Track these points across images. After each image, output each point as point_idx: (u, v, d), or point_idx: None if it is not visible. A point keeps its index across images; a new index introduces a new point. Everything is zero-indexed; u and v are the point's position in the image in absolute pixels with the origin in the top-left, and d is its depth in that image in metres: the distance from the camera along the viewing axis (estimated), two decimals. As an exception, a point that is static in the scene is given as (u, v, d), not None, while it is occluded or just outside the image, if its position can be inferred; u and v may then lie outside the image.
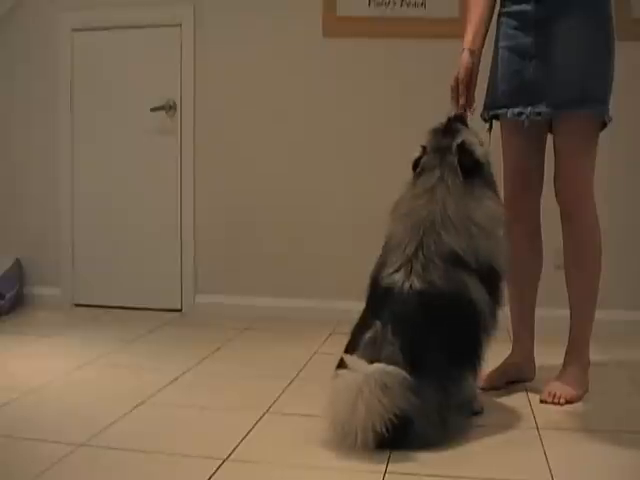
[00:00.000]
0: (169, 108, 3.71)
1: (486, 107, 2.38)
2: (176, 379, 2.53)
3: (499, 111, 2.33)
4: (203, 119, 3.69)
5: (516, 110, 2.28)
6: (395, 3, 3.48)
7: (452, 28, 3.42)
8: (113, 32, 3.77)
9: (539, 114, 2.25)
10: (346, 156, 3.57)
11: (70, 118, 3.82)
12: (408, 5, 3.47)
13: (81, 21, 3.79)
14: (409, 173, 3.64)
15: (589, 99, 2.21)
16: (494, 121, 2.39)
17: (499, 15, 2.38)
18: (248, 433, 2.00)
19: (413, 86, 3.50)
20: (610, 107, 2.27)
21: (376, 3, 3.49)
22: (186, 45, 3.69)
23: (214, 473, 1.73)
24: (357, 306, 3.54)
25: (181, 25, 3.69)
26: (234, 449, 1.88)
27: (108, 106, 3.79)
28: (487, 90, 2.39)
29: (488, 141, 2.40)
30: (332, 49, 3.56)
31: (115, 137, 3.80)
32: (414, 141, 3.60)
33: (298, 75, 3.61)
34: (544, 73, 2.23)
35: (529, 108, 2.26)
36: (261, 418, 2.13)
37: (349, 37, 3.53)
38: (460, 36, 3.35)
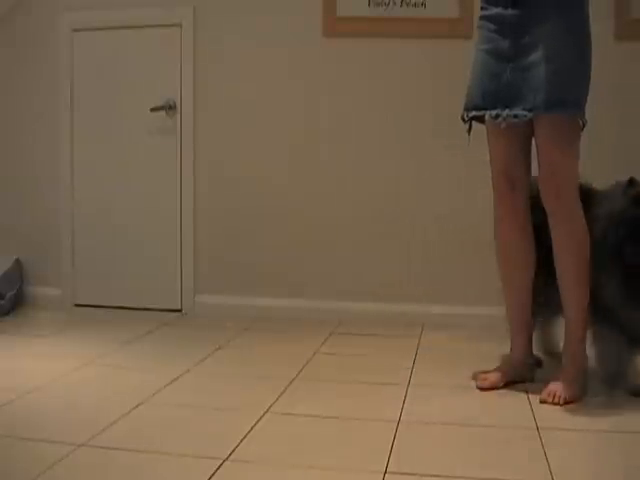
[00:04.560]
0: (169, 108, 3.71)
1: (465, 109, 2.40)
2: (176, 379, 2.53)
3: (477, 113, 2.35)
4: (203, 119, 3.69)
5: (494, 112, 2.30)
6: (395, 3, 3.48)
7: (452, 28, 3.44)
8: (113, 32, 3.77)
9: (516, 116, 2.27)
10: (346, 156, 3.57)
11: (70, 118, 3.81)
12: (408, 5, 3.47)
13: (81, 21, 3.79)
14: (408, 173, 3.67)
15: (564, 102, 2.22)
16: (474, 122, 2.40)
17: (479, 18, 2.40)
18: (248, 433, 2.00)
19: (413, 86, 3.50)
20: (585, 109, 2.28)
21: (376, 3, 3.49)
22: (186, 45, 3.69)
23: (214, 473, 1.73)
24: (357, 306, 3.57)
25: (181, 25, 3.69)
26: (234, 449, 1.88)
27: (108, 106, 3.79)
28: (467, 93, 2.40)
29: (468, 142, 2.42)
30: (332, 49, 3.56)
31: (115, 137, 3.80)
32: (413, 141, 3.63)
33: (298, 75, 3.61)
34: (520, 76, 2.25)
35: (506, 110, 2.28)
36: (261, 418, 2.13)
37: (349, 37, 3.53)
38: (460, 36, 3.39)
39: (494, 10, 2.32)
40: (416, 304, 3.46)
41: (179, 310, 3.74)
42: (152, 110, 3.69)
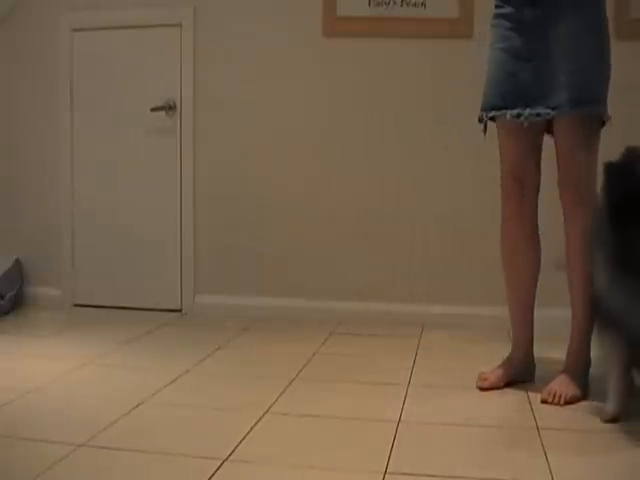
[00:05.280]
0: (169, 108, 3.71)
1: (483, 109, 2.38)
2: (176, 379, 2.53)
3: (497, 113, 2.33)
4: (203, 119, 3.69)
5: (514, 112, 2.29)
6: (395, 3, 3.48)
7: (452, 28, 3.44)
8: (113, 32, 3.77)
9: (538, 115, 2.26)
10: (345, 156, 3.57)
11: (70, 118, 3.81)
12: (408, 5, 3.47)
13: (81, 21, 3.79)
14: (408, 172, 3.67)
15: (587, 99, 2.22)
16: (488, 122, 2.39)
17: (494, 17, 2.38)
18: (248, 433, 2.00)
19: (413, 86, 3.50)
20: (607, 106, 2.29)
21: (376, 3, 3.49)
22: (186, 45, 3.69)
23: (214, 473, 1.73)
24: (357, 306, 3.57)
25: (181, 25, 3.68)
26: (234, 449, 1.88)
27: (108, 106, 3.79)
28: (484, 93, 2.39)
29: (484, 140, 2.40)
30: (332, 49, 3.56)
31: (115, 137, 3.80)
32: (413, 140, 3.63)
33: (298, 75, 3.61)
34: (541, 75, 2.25)
35: (527, 110, 2.27)
36: (261, 418, 2.13)
37: (349, 37, 3.53)
38: (460, 36, 3.39)
39: (511, 9, 2.30)
40: (416, 304, 3.46)
41: (179, 310, 3.74)
42: (152, 110, 3.69)
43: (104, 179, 3.82)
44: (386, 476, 1.72)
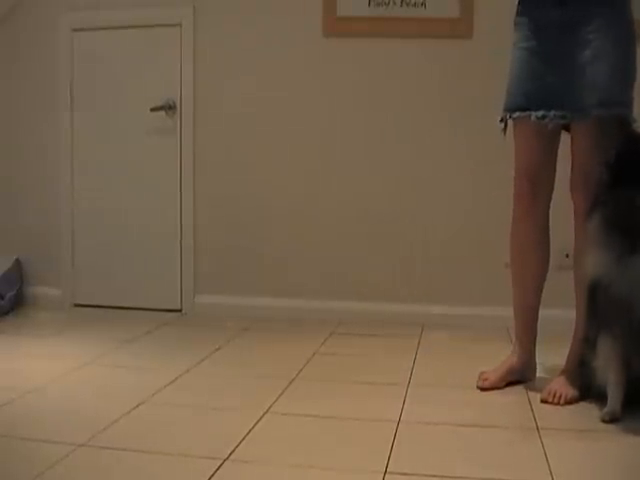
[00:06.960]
0: (169, 108, 3.71)
1: (507, 109, 2.34)
2: (176, 379, 2.53)
3: (522, 114, 2.30)
4: (203, 119, 3.69)
5: (539, 113, 2.25)
6: (395, 3, 3.48)
7: (452, 28, 3.44)
8: (113, 32, 3.77)
9: (563, 117, 2.23)
10: (346, 157, 3.57)
11: (70, 118, 3.81)
12: (408, 5, 3.47)
13: (81, 21, 3.79)
14: (409, 172, 3.66)
15: (614, 103, 2.18)
16: (509, 121, 2.36)
17: (517, 15, 2.35)
18: (248, 433, 2.00)
19: (413, 86, 3.50)
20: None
21: (376, 3, 3.49)
22: (186, 45, 3.69)
23: (214, 473, 1.73)
24: (357, 306, 3.57)
25: (181, 25, 3.68)
26: (234, 449, 1.88)
27: (108, 106, 3.79)
28: (507, 92, 2.36)
29: (504, 139, 2.37)
30: (332, 49, 3.56)
31: (115, 137, 3.80)
32: (413, 141, 3.63)
33: (298, 75, 3.61)
34: (567, 77, 2.21)
35: (552, 111, 2.24)
36: (261, 418, 2.13)
37: (349, 37, 3.53)
38: (460, 36, 3.39)
39: (537, 9, 2.28)
40: (416, 304, 3.46)
41: (179, 310, 3.74)
42: (152, 110, 3.69)
43: (104, 179, 3.82)
44: (386, 476, 1.72)
